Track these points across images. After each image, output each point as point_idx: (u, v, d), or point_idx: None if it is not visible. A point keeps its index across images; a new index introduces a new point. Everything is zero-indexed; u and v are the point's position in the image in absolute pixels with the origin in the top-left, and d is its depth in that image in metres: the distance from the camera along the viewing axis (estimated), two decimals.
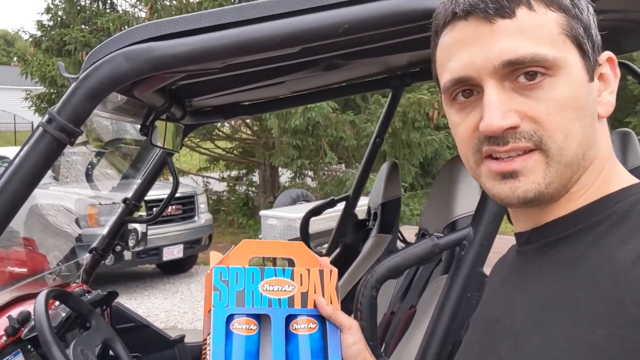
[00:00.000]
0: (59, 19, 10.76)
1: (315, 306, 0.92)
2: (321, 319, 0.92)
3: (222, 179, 12.27)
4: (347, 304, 2.42)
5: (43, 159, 1.10)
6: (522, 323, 0.67)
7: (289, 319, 0.91)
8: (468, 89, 0.67)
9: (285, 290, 0.92)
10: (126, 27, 9.77)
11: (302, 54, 1.26)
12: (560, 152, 0.64)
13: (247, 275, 0.91)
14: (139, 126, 2.64)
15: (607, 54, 0.69)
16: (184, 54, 1.09)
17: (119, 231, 2.41)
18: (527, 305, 0.68)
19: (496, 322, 0.73)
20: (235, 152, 11.88)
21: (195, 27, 1.10)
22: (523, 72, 0.63)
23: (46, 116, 1.10)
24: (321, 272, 0.94)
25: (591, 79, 0.67)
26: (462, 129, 0.69)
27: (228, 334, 0.88)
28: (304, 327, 0.91)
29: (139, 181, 2.52)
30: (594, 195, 0.67)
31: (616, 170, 0.70)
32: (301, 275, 0.93)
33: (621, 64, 2.44)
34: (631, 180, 0.69)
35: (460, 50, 0.66)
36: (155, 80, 1.25)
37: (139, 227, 2.78)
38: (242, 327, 0.89)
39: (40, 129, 1.10)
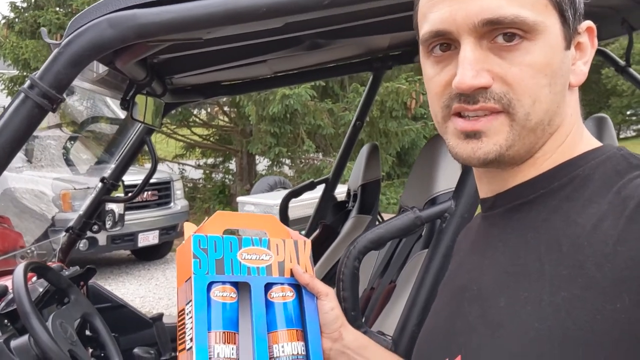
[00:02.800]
0: (33, 0, 10.54)
1: (292, 275, 0.93)
2: (297, 288, 0.93)
3: (198, 167, 12.20)
4: (327, 284, 2.44)
5: (25, 125, 1.09)
6: (489, 288, 0.68)
7: (267, 287, 0.92)
8: (446, 43, 0.67)
9: (262, 259, 0.92)
10: None
11: (285, 30, 1.26)
12: (527, 116, 0.65)
13: (225, 243, 0.91)
14: (116, 107, 2.61)
15: (587, 23, 0.70)
16: (168, 21, 1.08)
17: (96, 210, 2.38)
18: (494, 271, 0.69)
19: (464, 288, 0.74)
20: (211, 139, 11.80)
21: None
22: (501, 32, 0.63)
23: (28, 82, 1.09)
24: (296, 243, 0.95)
25: (568, 47, 0.67)
26: (434, 82, 0.69)
27: (208, 301, 0.88)
28: (280, 295, 0.91)
29: (115, 163, 2.49)
30: (558, 160, 0.68)
31: (582, 136, 0.71)
32: (277, 245, 0.94)
33: (598, 51, 2.48)
34: (595, 144, 0.70)
35: (443, 3, 0.66)
36: (138, 49, 1.24)
37: (116, 208, 2.76)
38: (221, 294, 0.88)
39: (22, 94, 1.08)
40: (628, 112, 19.39)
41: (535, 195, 0.68)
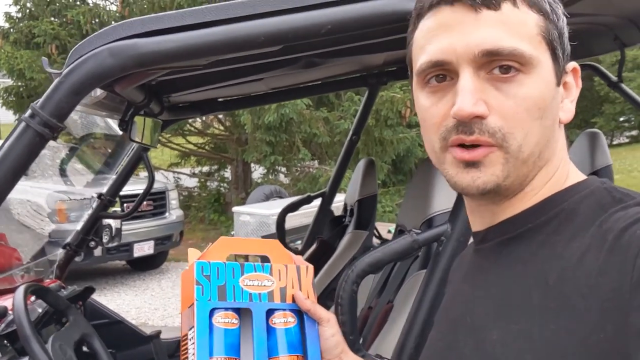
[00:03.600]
0: (28, 10, 10.52)
1: (293, 301, 0.94)
2: (299, 313, 0.94)
3: (193, 175, 12.19)
4: (324, 300, 2.45)
5: (26, 154, 1.10)
6: (482, 321, 0.70)
7: (269, 313, 0.93)
8: (442, 74, 0.68)
9: (264, 285, 0.93)
10: (97, 20, 9.64)
11: (283, 52, 1.28)
12: (519, 148, 0.66)
13: (227, 270, 0.92)
14: (113, 121, 2.62)
15: (573, 64, 0.72)
16: (169, 50, 1.10)
17: (93, 227, 2.39)
18: (486, 303, 0.71)
19: (458, 320, 0.75)
20: (206, 147, 11.80)
21: (180, 24, 1.11)
22: (499, 64, 0.65)
23: (29, 111, 1.10)
24: (298, 268, 0.96)
25: (558, 84, 0.70)
26: (431, 113, 0.70)
27: (210, 327, 0.89)
28: (282, 321, 0.92)
29: (113, 176, 2.50)
30: (545, 194, 0.70)
31: (569, 171, 0.73)
32: (279, 271, 0.95)
33: (589, 66, 2.51)
34: (580, 177, 0.72)
35: (443, 35, 0.67)
36: (138, 76, 1.26)
37: (113, 223, 2.76)
38: (223, 320, 0.89)
39: (23, 123, 1.10)
40: (621, 119, 19.50)
41: (524, 229, 0.70)
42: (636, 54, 17.49)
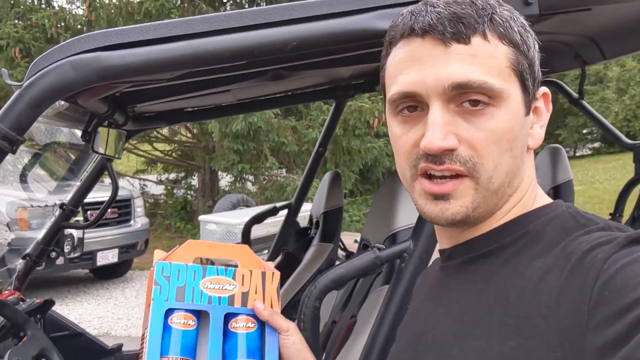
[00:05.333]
0: None
1: None
2: (260, 319, 0.94)
3: (160, 182, 12.05)
4: (289, 312, 2.44)
5: None
6: (444, 337, 0.71)
7: (228, 317, 0.93)
8: (413, 105, 0.70)
9: (226, 289, 0.93)
10: (62, 24, 9.47)
11: (250, 65, 1.28)
12: (489, 179, 0.68)
13: (189, 272, 0.92)
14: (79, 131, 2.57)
15: (543, 89, 0.74)
16: (133, 64, 1.09)
17: (54, 237, 2.34)
18: (449, 320, 0.72)
19: (420, 335, 0.77)
20: (173, 154, 11.69)
21: (145, 38, 1.10)
22: (467, 98, 0.67)
23: None
24: (263, 274, 0.96)
25: (527, 113, 0.71)
26: (402, 142, 0.71)
27: (166, 327, 0.89)
28: (242, 325, 0.93)
29: (77, 184, 2.46)
30: (512, 216, 0.72)
31: (536, 195, 0.75)
32: (243, 275, 0.95)
33: (552, 82, 2.56)
34: (547, 201, 0.74)
35: (413, 67, 0.68)
36: (101, 89, 1.24)
37: (75, 233, 2.71)
38: (180, 321, 0.90)
39: None
40: (584, 131, 19.98)
41: (489, 248, 0.72)
42: (598, 69, 17.97)
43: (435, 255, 1.23)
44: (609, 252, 0.59)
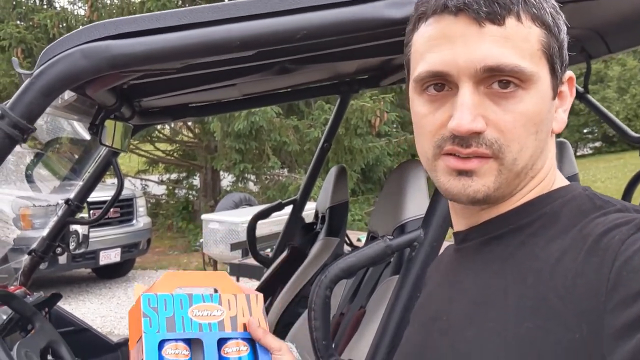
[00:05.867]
0: None
1: (245, 329, 0.93)
2: (251, 342, 0.93)
3: (162, 182, 12.05)
4: (296, 307, 2.44)
5: None
6: (458, 319, 0.71)
7: (220, 343, 0.92)
8: (441, 83, 0.68)
9: (214, 315, 0.92)
10: (64, 24, 9.48)
11: (257, 57, 1.27)
12: (514, 162, 0.67)
13: (175, 301, 0.91)
14: (79, 127, 2.57)
15: (569, 73, 0.73)
16: (142, 52, 1.09)
17: (59, 233, 2.34)
18: (463, 301, 0.72)
19: (434, 318, 0.76)
20: (175, 154, 11.69)
21: (155, 26, 1.10)
22: (498, 79, 0.66)
23: None
24: (248, 297, 0.96)
25: (554, 97, 0.70)
26: (427, 121, 0.70)
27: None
28: (234, 349, 0.92)
29: (80, 183, 2.46)
30: (530, 197, 0.72)
31: (555, 177, 0.74)
32: (229, 300, 0.94)
33: None
34: (564, 183, 0.74)
35: (445, 45, 0.67)
36: (111, 78, 1.24)
37: (80, 229, 2.71)
38: (174, 352, 0.88)
39: None
40: (585, 131, 19.97)
41: (505, 230, 0.71)
42: (598, 68, 17.95)
43: (445, 244, 1.23)
44: (627, 234, 0.58)
